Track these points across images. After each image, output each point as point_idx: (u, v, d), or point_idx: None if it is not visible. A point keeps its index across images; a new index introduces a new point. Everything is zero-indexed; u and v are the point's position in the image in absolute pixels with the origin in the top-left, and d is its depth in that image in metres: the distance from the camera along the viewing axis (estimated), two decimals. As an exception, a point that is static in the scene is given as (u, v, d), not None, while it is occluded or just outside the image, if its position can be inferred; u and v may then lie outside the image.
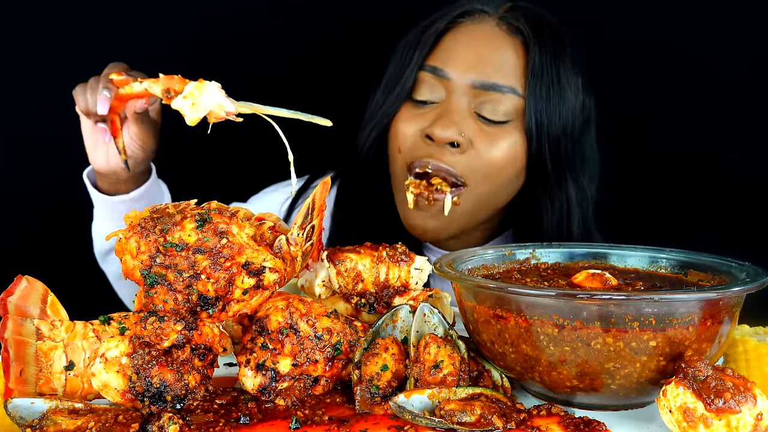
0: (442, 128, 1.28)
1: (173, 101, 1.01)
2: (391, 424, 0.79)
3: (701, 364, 0.75)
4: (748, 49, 1.81)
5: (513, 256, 1.03)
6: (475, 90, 1.30)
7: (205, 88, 0.99)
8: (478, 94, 1.30)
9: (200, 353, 0.86)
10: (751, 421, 0.72)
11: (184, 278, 0.85)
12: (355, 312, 1.02)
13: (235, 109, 0.99)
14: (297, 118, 0.99)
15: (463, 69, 1.31)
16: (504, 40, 1.33)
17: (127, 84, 1.11)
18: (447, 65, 1.32)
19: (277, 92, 1.88)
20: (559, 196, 1.39)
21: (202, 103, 0.99)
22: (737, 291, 0.80)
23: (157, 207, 0.91)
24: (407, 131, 1.34)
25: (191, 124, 1.00)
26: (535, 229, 1.43)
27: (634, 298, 0.76)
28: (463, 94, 1.31)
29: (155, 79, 1.05)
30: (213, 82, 1.00)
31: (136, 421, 0.77)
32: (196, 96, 0.99)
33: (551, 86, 1.31)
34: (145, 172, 1.35)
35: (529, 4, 1.39)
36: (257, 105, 0.99)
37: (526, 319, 0.80)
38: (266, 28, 1.88)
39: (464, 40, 1.33)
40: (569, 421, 0.80)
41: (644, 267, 1.00)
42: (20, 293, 0.85)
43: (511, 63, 1.31)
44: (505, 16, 1.35)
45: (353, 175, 1.47)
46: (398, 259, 1.03)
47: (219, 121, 1.00)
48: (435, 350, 0.85)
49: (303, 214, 0.94)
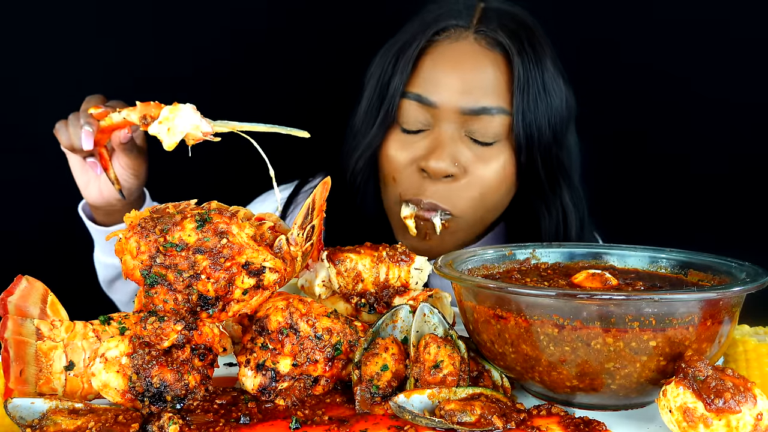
0: (436, 161, 1.26)
1: (150, 127, 1.01)
2: (391, 424, 0.79)
3: (701, 364, 0.75)
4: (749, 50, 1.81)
5: (513, 256, 1.03)
6: (464, 116, 1.27)
7: (180, 111, 0.99)
8: (467, 120, 1.27)
9: (200, 353, 0.86)
10: (751, 421, 0.72)
11: (184, 278, 0.85)
12: (355, 312, 1.02)
13: (211, 129, 0.99)
14: (275, 131, 0.99)
15: (449, 96, 1.26)
16: (485, 57, 1.28)
17: (106, 116, 1.11)
18: (432, 93, 1.27)
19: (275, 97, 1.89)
20: (554, 202, 1.38)
21: (178, 127, 0.98)
22: (737, 291, 0.80)
23: (157, 207, 0.91)
24: (400, 160, 1.32)
25: (168, 149, 1.00)
26: (531, 229, 1.43)
27: (634, 298, 0.76)
28: (451, 120, 1.27)
29: (133, 107, 1.05)
30: (187, 104, 1.00)
31: (136, 421, 0.77)
32: (171, 120, 0.98)
33: (537, 96, 1.28)
34: (140, 197, 1.35)
35: (500, 4, 1.35)
36: (234, 122, 0.99)
37: (526, 319, 0.80)
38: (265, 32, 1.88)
39: (445, 64, 1.28)
40: (569, 421, 0.80)
41: (644, 267, 1.00)
42: (20, 293, 0.85)
43: (496, 81, 1.28)
44: (481, 30, 1.29)
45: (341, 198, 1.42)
46: (398, 259, 1.03)
47: (197, 142, 1.00)
48: (435, 350, 0.85)
49: (303, 214, 0.94)
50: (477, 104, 1.26)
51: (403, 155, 1.31)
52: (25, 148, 1.78)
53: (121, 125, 1.12)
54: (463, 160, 1.28)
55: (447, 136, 1.28)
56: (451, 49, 1.29)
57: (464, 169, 1.28)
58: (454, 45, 1.29)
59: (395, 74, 1.30)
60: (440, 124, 1.28)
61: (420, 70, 1.29)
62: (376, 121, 1.32)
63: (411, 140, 1.31)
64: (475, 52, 1.28)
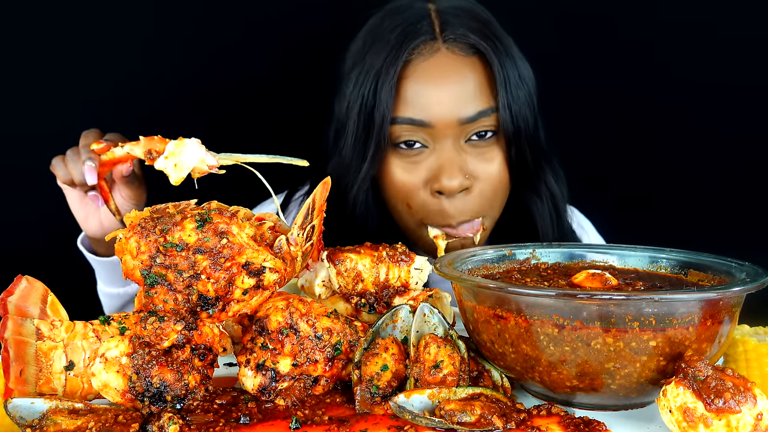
0: (448, 179, 1.26)
1: (156, 162, 1.02)
2: (391, 424, 0.79)
3: (701, 364, 0.75)
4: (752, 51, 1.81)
5: (513, 256, 1.03)
6: (462, 125, 1.27)
7: (185, 146, 1.00)
8: (465, 128, 1.28)
9: (200, 353, 0.86)
10: (751, 421, 0.72)
11: (184, 278, 0.85)
12: (355, 312, 1.02)
13: (216, 163, 1.00)
14: (276, 161, 1.00)
15: (442, 111, 1.26)
16: (464, 65, 1.28)
17: (107, 150, 1.12)
18: (424, 114, 1.26)
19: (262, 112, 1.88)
20: (542, 188, 1.40)
21: (184, 162, 1.00)
22: (737, 291, 0.80)
23: (158, 207, 0.91)
24: (407, 184, 1.30)
25: (175, 183, 1.01)
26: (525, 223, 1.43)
27: (634, 298, 0.76)
28: (450, 135, 1.27)
29: (135, 141, 1.06)
30: (192, 138, 1.01)
31: (136, 421, 0.78)
32: (177, 155, 1.00)
33: (517, 86, 1.29)
34: None
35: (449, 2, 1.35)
36: (237, 155, 1.00)
37: (526, 319, 0.80)
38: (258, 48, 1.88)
39: (428, 82, 1.27)
40: (569, 421, 0.80)
41: (644, 267, 1.00)
42: (20, 293, 0.85)
43: (480, 84, 1.28)
44: (449, 38, 1.28)
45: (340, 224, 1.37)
46: (398, 259, 1.03)
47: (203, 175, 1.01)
48: (435, 350, 0.85)
49: (303, 215, 0.94)
50: (473, 111, 1.27)
51: (410, 179, 1.30)
52: (25, 147, 1.78)
53: (123, 159, 1.13)
54: (471, 169, 1.29)
55: (450, 151, 1.28)
56: (428, 66, 1.28)
57: (474, 176, 1.29)
58: (429, 60, 1.28)
59: (378, 103, 1.27)
60: (439, 140, 1.28)
61: (403, 93, 1.28)
62: (368, 154, 1.30)
63: (412, 162, 1.30)
64: (452, 63, 1.28)
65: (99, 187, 1.18)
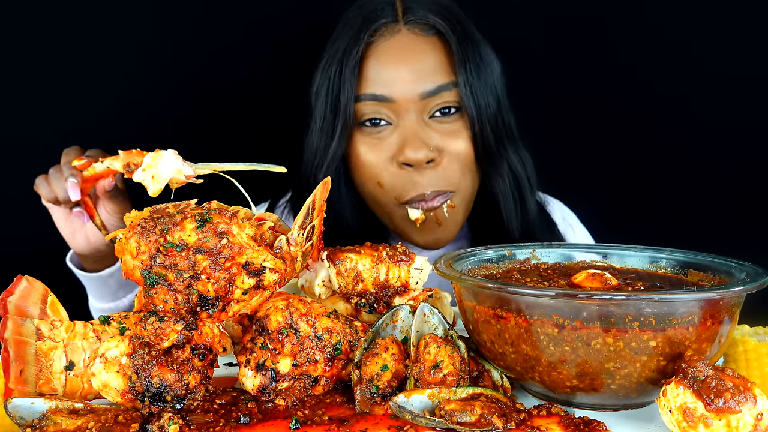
0: (413, 151, 1.30)
1: (134, 175, 1.04)
2: (391, 424, 0.79)
3: (701, 364, 0.75)
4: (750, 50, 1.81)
5: (513, 256, 1.03)
6: (424, 100, 1.32)
7: (162, 158, 1.01)
8: (427, 103, 1.32)
9: (200, 353, 0.86)
10: (751, 421, 0.72)
11: (184, 278, 0.85)
12: (355, 312, 1.02)
13: (193, 173, 1.02)
14: (253, 169, 1.02)
15: (403, 87, 1.31)
16: (424, 44, 1.34)
17: (89, 166, 1.14)
18: (387, 89, 1.32)
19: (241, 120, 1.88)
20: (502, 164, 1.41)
21: (161, 174, 1.01)
22: (737, 291, 0.80)
23: (158, 207, 0.91)
24: (374, 161, 1.35)
25: (153, 195, 1.03)
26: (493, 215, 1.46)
27: (634, 298, 0.76)
28: (412, 109, 1.32)
29: (115, 156, 1.08)
30: (169, 150, 1.02)
31: (136, 421, 0.77)
32: (154, 167, 1.01)
33: (478, 68, 1.34)
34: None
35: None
36: (214, 164, 1.02)
37: (526, 319, 0.80)
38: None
39: (389, 60, 1.32)
40: (569, 421, 0.80)
41: (644, 267, 1.00)
42: (20, 293, 0.85)
43: (440, 62, 1.33)
44: (410, 20, 1.34)
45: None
46: (398, 259, 1.03)
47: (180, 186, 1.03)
48: (435, 350, 0.85)
49: (303, 215, 0.94)
50: (433, 85, 1.32)
51: (376, 155, 1.35)
52: (25, 147, 1.78)
53: (105, 174, 1.14)
54: (435, 142, 1.33)
55: (413, 124, 1.32)
56: (389, 46, 1.33)
57: (439, 150, 1.33)
58: (390, 41, 1.34)
59: (344, 83, 1.33)
60: (402, 116, 1.33)
61: (366, 72, 1.33)
62: (335, 132, 1.35)
63: (377, 138, 1.35)
64: (412, 42, 1.34)
65: (83, 203, 1.19)
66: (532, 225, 1.46)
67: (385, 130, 1.34)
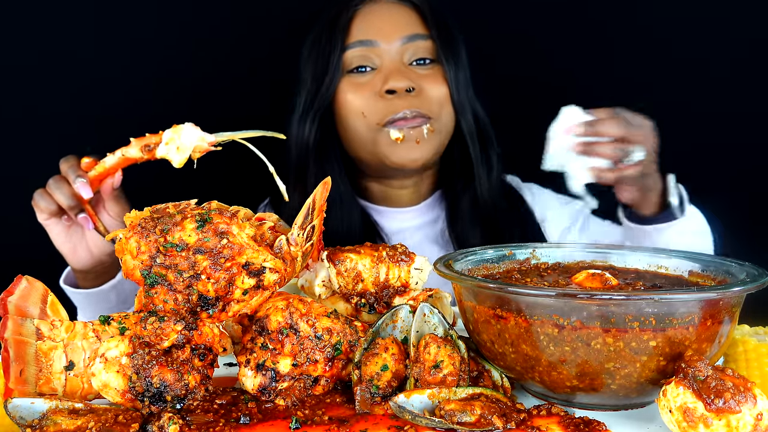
0: (396, 81, 1.47)
1: (157, 151, 1.06)
2: (391, 424, 0.79)
3: (701, 364, 0.75)
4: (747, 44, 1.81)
5: (513, 256, 1.03)
6: (404, 46, 1.50)
7: (183, 130, 1.05)
8: (407, 48, 1.51)
9: (200, 353, 0.86)
10: (751, 421, 0.72)
11: (185, 278, 0.85)
12: (355, 312, 1.02)
13: (214, 140, 1.05)
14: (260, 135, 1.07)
15: (386, 34, 1.50)
16: (402, 8, 1.54)
17: (95, 164, 1.14)
18: (371, 36, 1.50)
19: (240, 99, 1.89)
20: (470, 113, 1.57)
21: (186, 144, 1.04)
22: (737, 291, 0.80)
23: (158, 207, 0.91)
24: (362, 97, 1.50)
25: (179, 165, 1.06)
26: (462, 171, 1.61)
27: (634, 298, 0.76)
28: (395, 53, 1.50)
29: (125, 146, 1.09)
30: (186, 123, 1.05)
31: (136, 421, 0.77)
32: (177, 139, 1.04)
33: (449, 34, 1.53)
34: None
35: None
36: (229, 132, 1.06)
37: (526, 319, 0.80)
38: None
39: (374, 16, 1.52)
40: (569, 421, 0.80)
41: (644, 267, 1.00)
42: (20, 293, 0.85)
43: (415, 20, 1.53)
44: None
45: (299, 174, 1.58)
46: (398, 259, 1.03)
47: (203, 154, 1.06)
48: (435, 350, 0.85)
49: (303, 215, 0.94)
50: (412, 32, 1.52)
51: (361, 93, 1.50)
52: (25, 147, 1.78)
53: (114, 169, 1.15)
54: (414, 79, 1.49)
55: (395, 63, 1.50)
56: (373, 8, 1.54)
57: (419, 87, 1.49)
58: (373, 6, 1.54)
59: (335, 35, 1.51)
60: (385, 59, 1.51)
61: (352, 29, 1.52)
62: (324, 81, 1.52)
63: (363, 83, 1.50)
64: (392, 6, 1.55)
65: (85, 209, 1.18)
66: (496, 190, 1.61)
67: (369, 74, 1.51)
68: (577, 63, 1.89)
